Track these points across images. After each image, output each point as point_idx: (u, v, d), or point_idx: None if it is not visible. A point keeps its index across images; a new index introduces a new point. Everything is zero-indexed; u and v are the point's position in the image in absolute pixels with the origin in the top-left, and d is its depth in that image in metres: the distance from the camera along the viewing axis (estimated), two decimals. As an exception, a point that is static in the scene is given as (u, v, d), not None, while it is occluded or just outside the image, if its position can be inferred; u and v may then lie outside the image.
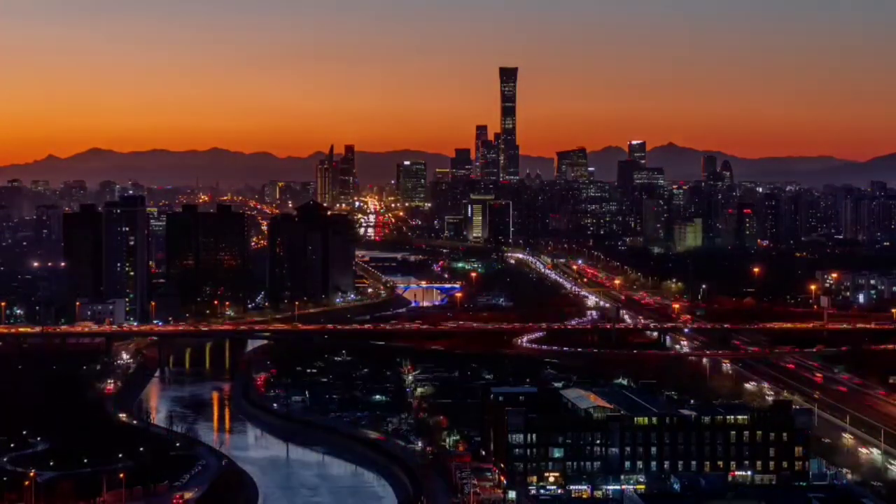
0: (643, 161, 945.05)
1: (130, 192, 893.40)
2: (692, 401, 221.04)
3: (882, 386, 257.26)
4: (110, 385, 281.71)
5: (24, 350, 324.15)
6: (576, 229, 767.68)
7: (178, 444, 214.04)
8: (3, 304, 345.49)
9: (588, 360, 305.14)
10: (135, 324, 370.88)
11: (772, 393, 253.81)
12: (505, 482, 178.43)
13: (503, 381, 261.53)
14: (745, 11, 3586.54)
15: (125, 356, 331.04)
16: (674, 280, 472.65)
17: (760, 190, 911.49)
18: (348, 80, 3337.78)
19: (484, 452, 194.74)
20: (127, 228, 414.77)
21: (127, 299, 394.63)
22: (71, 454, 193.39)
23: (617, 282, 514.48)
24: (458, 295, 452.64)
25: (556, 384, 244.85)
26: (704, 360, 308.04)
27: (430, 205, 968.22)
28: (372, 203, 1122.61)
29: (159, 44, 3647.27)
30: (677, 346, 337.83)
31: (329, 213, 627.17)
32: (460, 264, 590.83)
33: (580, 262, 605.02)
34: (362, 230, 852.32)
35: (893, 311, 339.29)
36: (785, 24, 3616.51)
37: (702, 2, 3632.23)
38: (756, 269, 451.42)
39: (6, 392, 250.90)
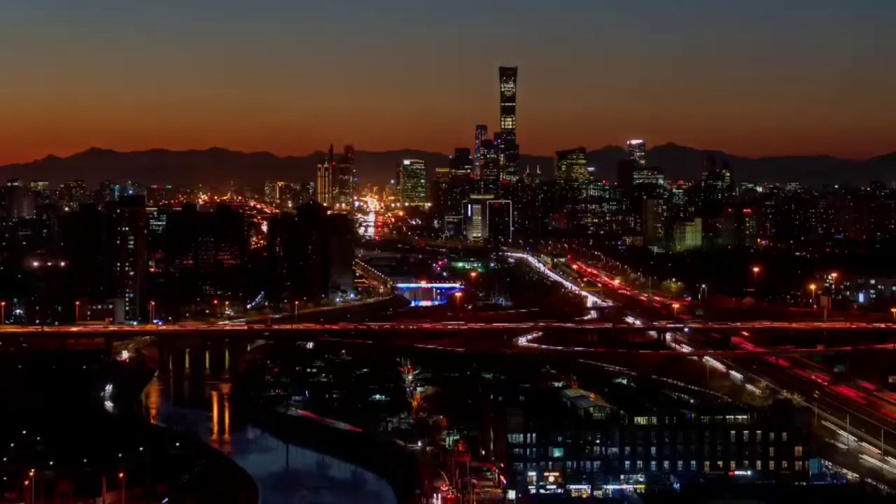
0: (643, 160, 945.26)
1: (130, 192, 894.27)
2: (692, 401, 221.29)
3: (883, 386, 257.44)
4: (110, 385, 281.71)
5: (24, 350, 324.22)
6: (576, 229, 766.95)
7: (178, 444, 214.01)
8: (3, 303, 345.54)
9: (588, 359, 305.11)
10: (135, 323, 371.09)
11: (771, 392, 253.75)
12: (505, 482, 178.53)
13: (503, 381, 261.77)
14: (746, 11, 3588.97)
15: (125, 356, 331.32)
16: (674, 280, 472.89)
17: (760, 190, 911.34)
18: (348, 80, 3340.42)
19: (484, 452, 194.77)
20: (127, 228, 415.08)
21: (127, 299, 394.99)
22: (71, 454, 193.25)
23: (617, 281, 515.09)
24: (458, 295, 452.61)
25: (556, 384, 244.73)
26: (704, 359, 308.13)
27: (430, 205, 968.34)
28: (372, 203, 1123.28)
29: (159, 44, 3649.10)
30: (677, 346, 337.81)
31: (329, 213, 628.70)
32: (460, 264, 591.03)
33: (580, 261, 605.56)
34: (362, 230, 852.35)
35: (893, 310, 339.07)
36: (785, 24, 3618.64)
37: (702, 1, 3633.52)
38: (756, 269, 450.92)
39: (6, 392, 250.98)
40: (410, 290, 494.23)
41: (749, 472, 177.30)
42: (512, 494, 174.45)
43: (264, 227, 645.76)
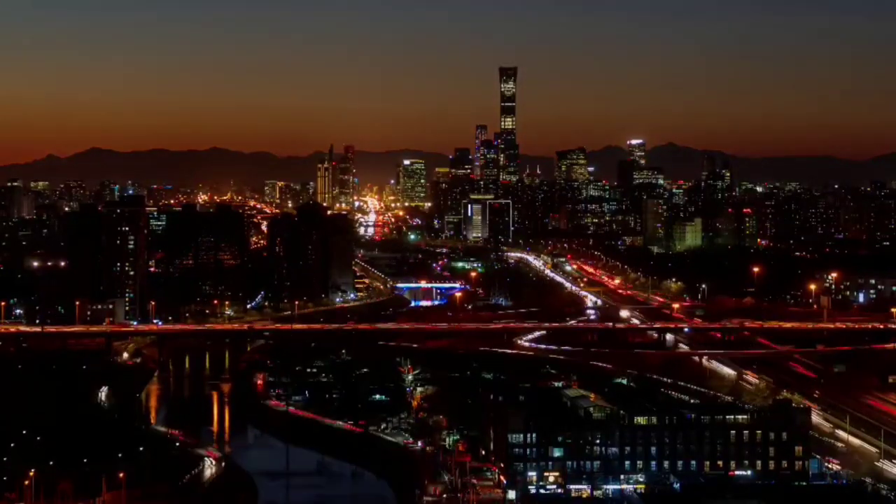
0: (643, 160, 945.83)
1: (130, 192, 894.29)
2: (692, 400, 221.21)
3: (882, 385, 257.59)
4: (110, 385, 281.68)
5: (24, 350, 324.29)
6: (576, 229, 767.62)
7: (177, 444, 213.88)
8: (2, 303, 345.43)
9: (588, 359, 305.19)
10: (135, 323, 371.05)
11: (770, 392, 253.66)
12: (505, 482, 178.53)
13: (503, 381, 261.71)
14: (745, 11, 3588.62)
15: (125, 356, 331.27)
16: (674, 280, 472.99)
17: (760, 190, 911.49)
18: (348, 80, 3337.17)
19: (484, 452, 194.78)
20: (127, 228, 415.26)
21: (127, 299, 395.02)
22: (71, 454, 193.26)
23: (617, 281, 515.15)
24: (458, 295, 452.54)
25: (556, 384, 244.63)
26: (704, 359, 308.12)
27: (430, 205, 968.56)
28: (372, 203, 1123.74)
29: (159, 44, 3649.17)
30: (677, 346, 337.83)
31: (329, 213, 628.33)
32: (460, 264, 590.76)
33: (580, 261, 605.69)
34: (362, 230, 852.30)
35: (893, 310, 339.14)
36: (785, 23, 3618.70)
37: (702, 1, 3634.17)
38: (756, 269, 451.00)
39: (6, 392, 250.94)
40: (410, 290, 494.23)
41: (749, 472, 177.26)
42: (512, 494, 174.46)
43: (264, 227, 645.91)
